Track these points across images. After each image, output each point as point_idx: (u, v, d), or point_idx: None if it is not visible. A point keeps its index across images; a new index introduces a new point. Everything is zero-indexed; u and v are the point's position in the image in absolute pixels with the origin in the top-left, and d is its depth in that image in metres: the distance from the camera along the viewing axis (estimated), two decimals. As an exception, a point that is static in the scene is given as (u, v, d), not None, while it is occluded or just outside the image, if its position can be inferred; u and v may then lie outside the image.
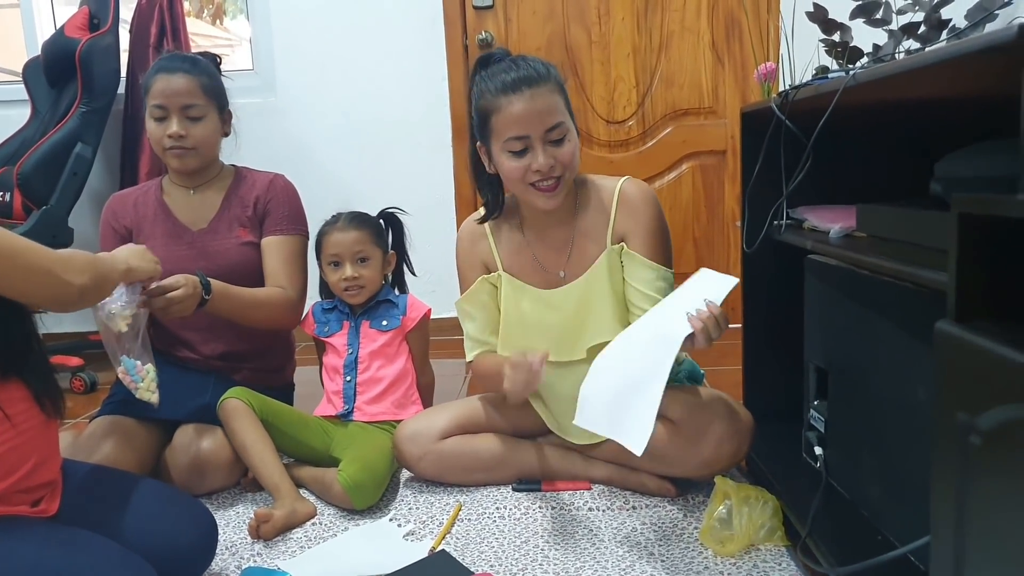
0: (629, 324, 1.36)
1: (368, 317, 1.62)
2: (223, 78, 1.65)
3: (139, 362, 1.31)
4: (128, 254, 1.27)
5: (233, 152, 1.71)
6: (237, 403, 1.44)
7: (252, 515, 1.32)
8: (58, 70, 2.51)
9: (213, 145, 1.61)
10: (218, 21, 5.39)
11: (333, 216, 1.64)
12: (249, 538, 1.31)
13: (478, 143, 1.38)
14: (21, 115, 2.63)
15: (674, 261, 1.43)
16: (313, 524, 1.36)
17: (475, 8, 2.72)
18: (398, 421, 1.54)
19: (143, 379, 1.32)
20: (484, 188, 1.44)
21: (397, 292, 1.70)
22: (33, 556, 0.95)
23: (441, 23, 2.72)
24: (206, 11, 5.08)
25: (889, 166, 1.34)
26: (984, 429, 0.68)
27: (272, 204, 1.61)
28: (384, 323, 1.61)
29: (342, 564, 1.20)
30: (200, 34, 4.62)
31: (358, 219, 1.62)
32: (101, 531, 1.05)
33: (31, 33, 2.84)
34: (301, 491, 1.45)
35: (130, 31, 2.64)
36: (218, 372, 1.59)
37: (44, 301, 1.06)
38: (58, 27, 2.54)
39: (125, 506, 1.12)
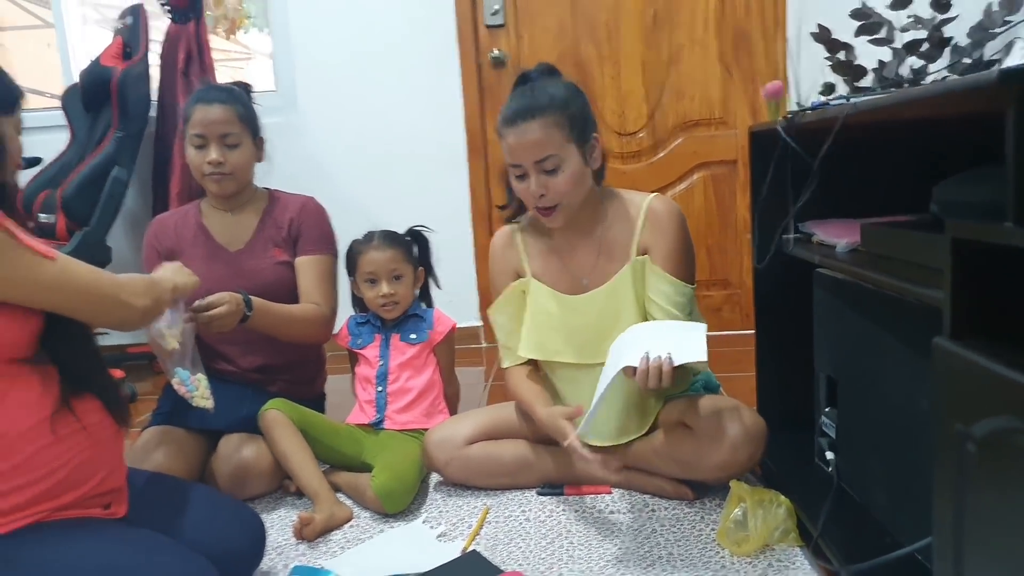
0: None
1: (398, 330, 1.70)
2: (255, 105, 1.74)
3: (191, 373, 1.40)
4: (171, 273, 1.34)
5: (266, 174, 1.79)
6: (277, 414, 1.53)
7: (295, 518, 1.41)
8: (94, 97, 2.62)
9: (248, 170, 1.69)
10: (232, 36, 5.51)
11: (366, 234, 1.71)
12: (293, 539, 1.39)
13: None
14: (59, 139, 2.74)
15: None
16: (351, 526, 1.44)
17: (488, 27, 2.80)
18: (426, 429, 1.62)
19: (197, 388, 1.40)
20: (511, 194, 1.50)
21: (424, 306, 1.77)
22: (111, 555, 1.04)
23: (455, 41, 2.80)
24: (220, 27, 5.20)
25: (897, 179, 1.39)
26: (978, 438, 0.75)
27: (305, 226, 1.70)
28: (412, 336, 1.68)
29: (381, 563, 1.28)
30: (214, 48, 4.74)
31: (391, 238, 1.69)
32: (163, 533, 1.14)
33: (66, 61, 2.96)
34: (338, 495, 1.53)
35: (159, 57, 2.75)
36: (255, 384, 1.68)
37: (110, 323, 1.15)
38: (94, 57, 2.65)
39: (184, 510, 1.21)
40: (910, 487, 1.08)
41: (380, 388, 1.66)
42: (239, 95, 1.68)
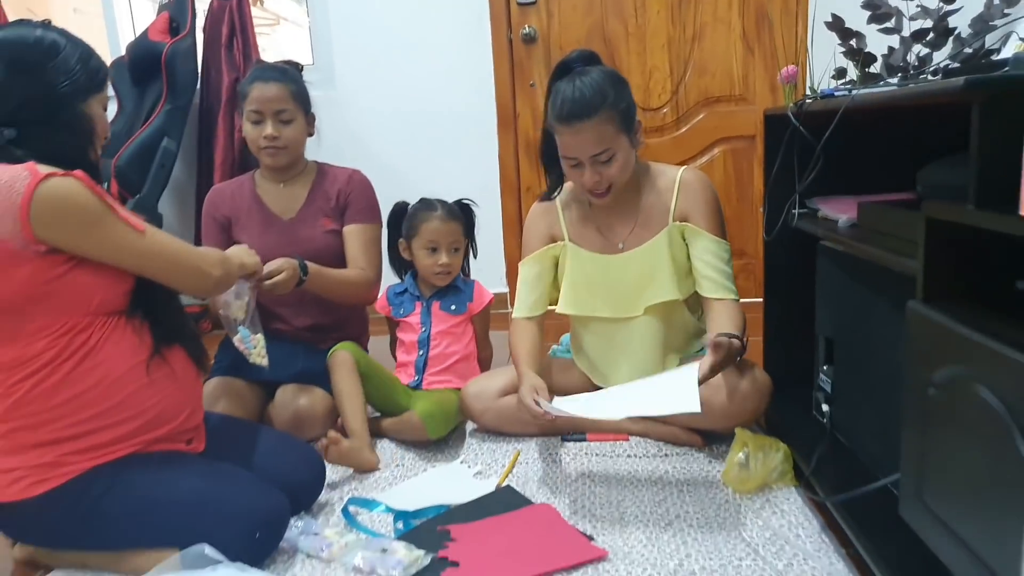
0: (685, 287, 1.60)
1: (438, 299, 1.83)
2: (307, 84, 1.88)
3: (252, 333, 1.57)
4: (239, 252, 1.50)
5: (316, 149, 1.94)
6: (345, 355, 1.68)
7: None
8: (142, 70, 2.78)
9: (301, 144, 1.84)
10: (258, 3, 5.62)
11: (424, 201, 1.83)
12: (348, 476, 1.57)
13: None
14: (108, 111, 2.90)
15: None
16: (398, 466, 1.62)
17: (519, 4, 2.91)
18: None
19: (255, 346, 1.57)
20: (552, 169, 1.63)
21: (463, 277, 1.89)
22: (200, 483, 1.23)
23: (487, 19, 2.91)
24: (248, -8, 5.30)
25: (897, 160, 1.50)
26: (938, 383, 0.90)
27: (352, 197, 1.85)
28: (453, 308, 1.82)
29: (425, 496, 1.45)
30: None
31: (454, 211, 1.81)
32: (239, 466, 1.32)
33: (113, 34, 3.11)
34: (382, 443, 1.70)
35: (203, 31, 2.89)
36: (307, 342, 1.85)
37: (188, 289, 1.33)
38: (141, 31, 2.80)
39: (255, 447, 1.39)
40: (891, 432, 1.22)
41: (421, 352, 1.81)
42: (293, 74, 1.83)
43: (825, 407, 1.47)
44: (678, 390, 1.36)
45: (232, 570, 1.14)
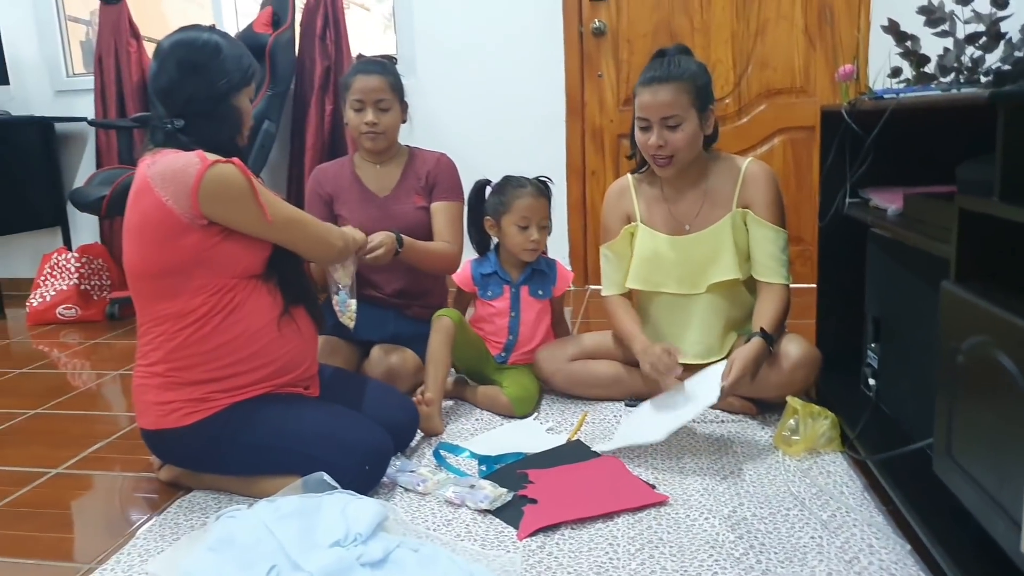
0: (745, 269, 1.76)
1: (526, 283, 1.94)
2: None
3: (348, 298, 1.78)
4: (350, 231, 1.70)
5: (407, 135, 2.14)
6: (448, 322, 1.82)
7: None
8: (247, 60, 3.04)
9: (396, 130, 2.05)
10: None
11: (512, 179, 1.90)
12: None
13: None
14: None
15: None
16: (478, 419, 1.83)
17: (590, 0, 3.06)
18: None
19: (348, 310, 1.77)
20: (636, 147, 1.79)
21: (544, 256, 2.00)
22: (320, 419, 1.45)
23: (560, 13, 3.07)
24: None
25: (944, 154, 1.60)
26: (965, 351, 1.04)
27: (440, 177, 2.06)
28: (540, 292, 1.96)
29: (504, 444, 1.65)
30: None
31: (540, 187, 1.90)
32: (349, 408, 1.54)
33: (219, 25, 3.38)
34: (466, 407, 1.90)
35: (300, 24, 3.13)
36: (396, 308, 2.07)
37: (316, 257, 1.55)
38: (245, 24, 3.06)
39: (363, 394, 1.61)
40: (929, 401, 1.36)
41: (511, 337, 1.94)
42: (391, 68, 2.03)
43: (872, 381, 1.61)
44: (703, 389, 1.56)
45: (345, 495, 1.35)
